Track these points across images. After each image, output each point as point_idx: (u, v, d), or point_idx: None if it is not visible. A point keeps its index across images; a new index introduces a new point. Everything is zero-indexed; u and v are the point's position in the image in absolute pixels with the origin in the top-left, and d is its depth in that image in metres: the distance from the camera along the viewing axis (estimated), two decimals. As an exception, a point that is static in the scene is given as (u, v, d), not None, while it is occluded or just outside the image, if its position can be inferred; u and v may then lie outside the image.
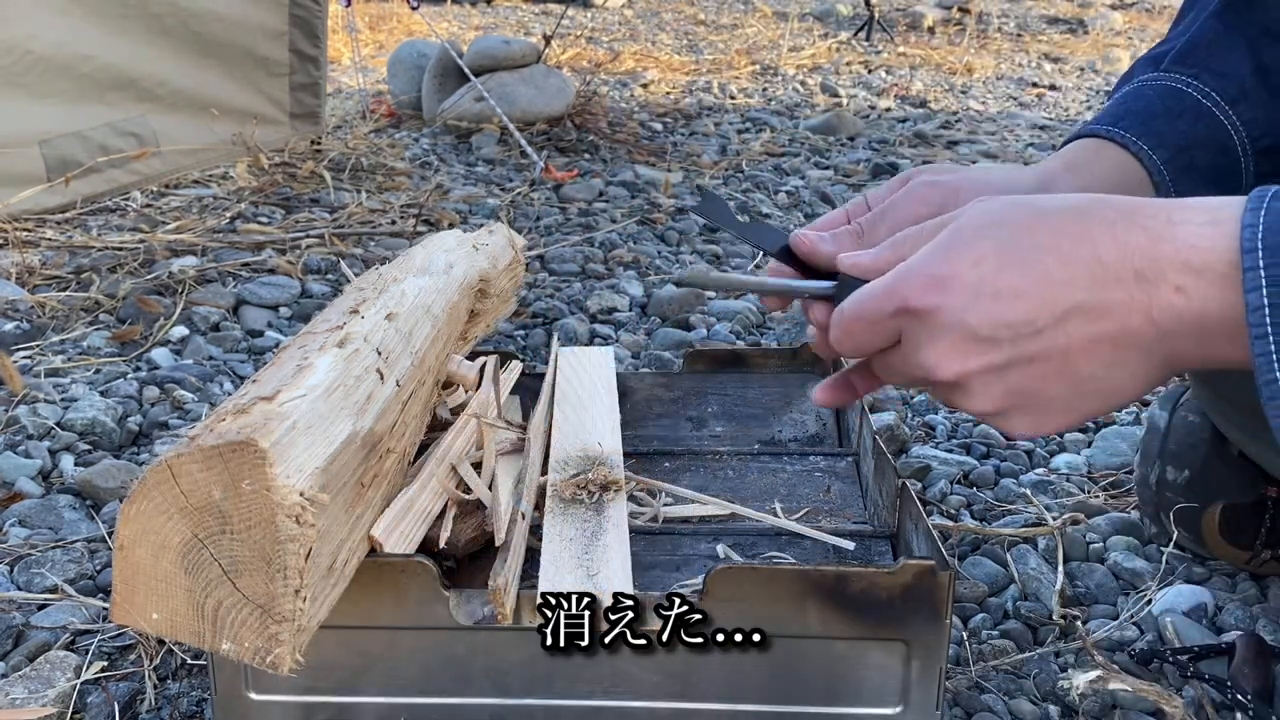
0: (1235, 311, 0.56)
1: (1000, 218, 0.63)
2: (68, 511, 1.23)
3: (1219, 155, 0.88)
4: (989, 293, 0.61)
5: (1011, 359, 0.61)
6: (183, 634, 0.66)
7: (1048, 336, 0.60)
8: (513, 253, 1.31)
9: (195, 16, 2.62)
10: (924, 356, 0.63)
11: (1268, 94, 0.88)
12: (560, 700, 0.82)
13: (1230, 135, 0.88)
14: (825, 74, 5.37)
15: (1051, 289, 0.60)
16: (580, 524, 0.88)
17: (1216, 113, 0.88)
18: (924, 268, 0.63)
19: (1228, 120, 0.88)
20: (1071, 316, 0.60)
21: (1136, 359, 0.60)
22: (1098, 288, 0.59)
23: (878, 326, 0.66)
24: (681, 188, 2.93)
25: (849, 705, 0.82)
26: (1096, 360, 0.60)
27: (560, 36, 6.07)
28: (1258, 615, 1.07)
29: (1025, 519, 1.25)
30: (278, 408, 0.68)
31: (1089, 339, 0.60)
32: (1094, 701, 0.95)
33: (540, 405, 1.07)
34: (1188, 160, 0.87)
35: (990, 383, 0.62)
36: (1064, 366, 0.61)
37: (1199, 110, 0.89)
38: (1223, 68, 0.90)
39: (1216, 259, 0.57)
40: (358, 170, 2.89)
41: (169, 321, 1.79)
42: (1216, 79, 0.89)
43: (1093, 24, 8.02)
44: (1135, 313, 0.58)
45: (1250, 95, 0.88)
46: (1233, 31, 0.90)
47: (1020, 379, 0.62)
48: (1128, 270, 0.58)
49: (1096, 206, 0.61)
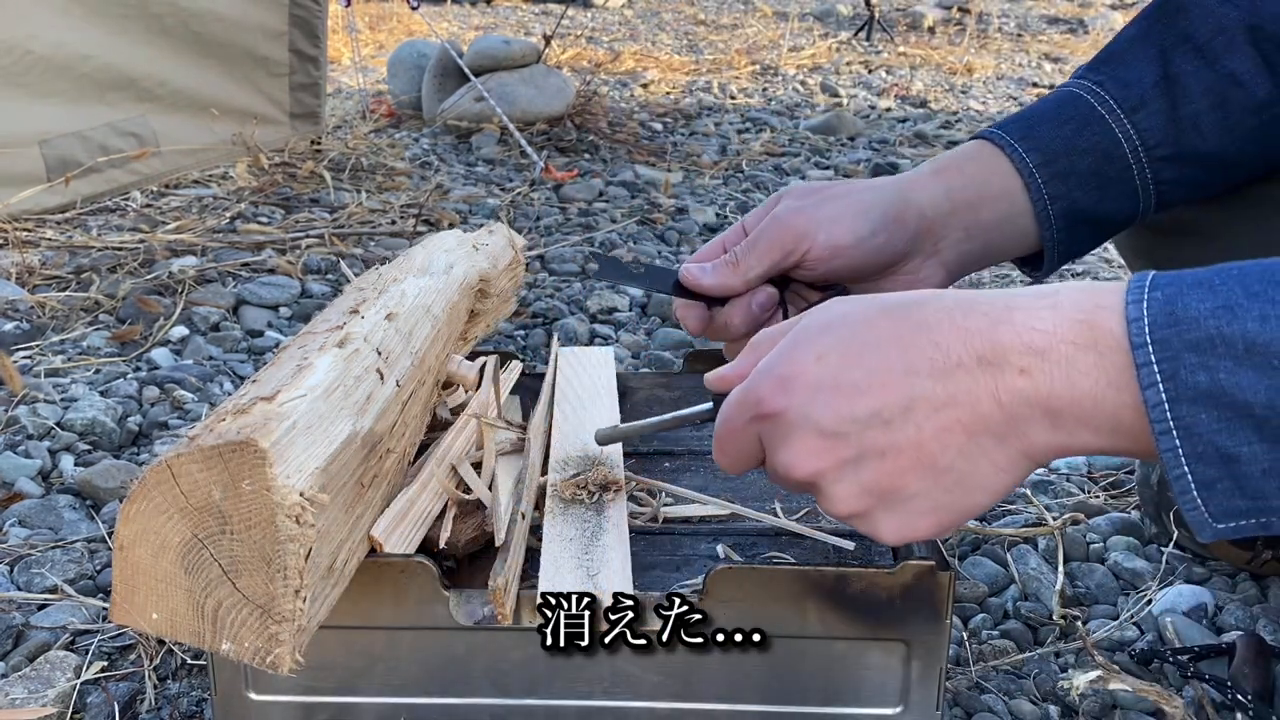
0: (1079, 394, 0.56)
1: (841, 315, 0.63)
2: (68, 511, 1.23)
3: (1103, 162, 0.89)
4: (830, 387, 0.61)
5: (862, 452, 0.61)
6: (182, 634, 0.66)
7: (897, 428, 0.60)
8: (513, 253, 1.31)
9: (195, 16, 2.62)
10: (779, 458, 0.64)
11: (1168, 104, 0.89)
12: (560, 700, 0.82)
13: (1120, 143, 0.89)
14: (825, 74, 5.37)
15: (894, 379, 0.59)
16: (580, 524, 0.88)
17: (1109, 120, 0.89)
18: (770, 371, 0.64)
19: (1120, 128, 0.89)
20: (918, 406, 0.59)
21: (993, 446, 0.59)
22: (941, 376, 0.59)
23: (742, 437, 0.67)
24: (682, 188, 2.93)
25: (849, 705, 0.82)
26: (951, 449, 0.59)
27: (560, 36, 6.07)
28: (1258, 615, 1.07)
29: (1025, 519, 1.25)
30: (277, 408, 0.68)
31: (939, 428, 0.59)
32: (1094, 702, 0.95)
33: (540, 405, 1.07)
34: (1066, 165, 0.88)
35: (844, 480, 0.62)
36: (919, 459, 0.60)
37: (1089, 117, 0.90)
38: (1128, 75, 0.91)
39: (1059, 340, 0.56)
40: (358, 170, 2.89)
41: (169, 321, 1.79)
42: (1119, 86, 0.90)
43: (1093, 24, 8.03)
44: (983, 398, 0.58)
45: (1149, 104, 0.89)
46: (1146, 40, 0.92)
47: (875, 475, 0.61)
48: (970, 355, 0.58)
49: (933, 298, 0.62)
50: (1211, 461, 0.54)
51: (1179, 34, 0.90)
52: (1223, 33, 0.89)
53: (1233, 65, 0.89)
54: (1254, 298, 0.53)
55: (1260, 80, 0.89)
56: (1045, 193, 0.89)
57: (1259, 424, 0.52)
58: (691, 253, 1.06)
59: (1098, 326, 0.56)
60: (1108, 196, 0.90)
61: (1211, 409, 0.53)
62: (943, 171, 0.90)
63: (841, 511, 0.64)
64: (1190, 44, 0.90)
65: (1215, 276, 0.54)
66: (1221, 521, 0.55)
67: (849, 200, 0.87)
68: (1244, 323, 0.52)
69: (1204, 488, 0.54)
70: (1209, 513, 0.55)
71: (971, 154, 0.91)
